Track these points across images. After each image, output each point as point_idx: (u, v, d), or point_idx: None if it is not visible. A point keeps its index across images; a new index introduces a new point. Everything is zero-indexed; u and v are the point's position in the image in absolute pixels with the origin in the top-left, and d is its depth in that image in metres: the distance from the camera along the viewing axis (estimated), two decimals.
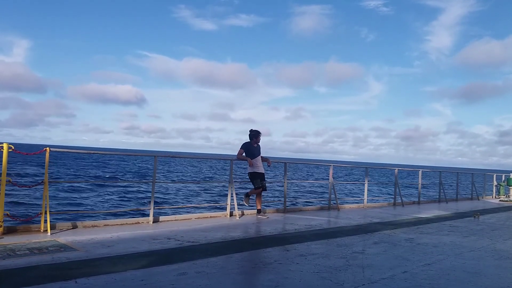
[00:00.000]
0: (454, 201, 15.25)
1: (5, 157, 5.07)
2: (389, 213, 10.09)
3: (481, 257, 5.24)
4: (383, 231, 7.00)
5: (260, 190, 8.10)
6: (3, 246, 4.51)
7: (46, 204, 5.43)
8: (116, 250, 4.59)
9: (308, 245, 5.48)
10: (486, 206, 13.86)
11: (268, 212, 8.85)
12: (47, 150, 5.57)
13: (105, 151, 7.31)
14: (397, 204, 12.36)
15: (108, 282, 3.45)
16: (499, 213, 11.43)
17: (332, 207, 10.23)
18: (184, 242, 5.25)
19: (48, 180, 5.56)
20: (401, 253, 5.23)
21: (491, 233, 7.36)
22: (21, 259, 4.02)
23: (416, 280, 3.97)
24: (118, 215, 12.70)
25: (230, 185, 7.92)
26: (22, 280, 3.40)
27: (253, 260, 4.62)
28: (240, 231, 6.35)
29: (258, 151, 8.18)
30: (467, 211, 11.63)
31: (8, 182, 5.19)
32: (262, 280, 3.87)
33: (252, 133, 8.15)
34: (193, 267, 4.04)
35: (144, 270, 3.88)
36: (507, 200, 16.53)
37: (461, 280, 4.06)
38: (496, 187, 18.46)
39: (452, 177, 19.05)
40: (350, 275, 4.01)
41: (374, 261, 4.68)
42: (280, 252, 5.00)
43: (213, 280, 3.65)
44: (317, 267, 4.29)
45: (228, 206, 7.95)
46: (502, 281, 4.14)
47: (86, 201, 18.59)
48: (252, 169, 8.03)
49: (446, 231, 7.34)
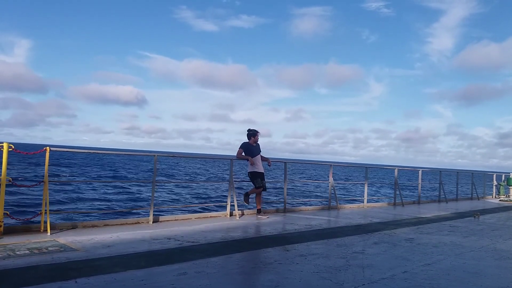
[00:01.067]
0: (454, 201, 15.25)
1: (5, 157, 5.07)
2: (389, 213, 10.09)
3: (481, 257, 5.24)
4: (383, 231, 6.99)
5: (260, 190, 8.10)
6: (3, 246, 4.51)
7: (46, 204, 5.43)
8: (116, 250, 4.59)
9: (308, 245, 5.48)
10: (486, 206, 13.86)
11: (268, 212, 8.84)
12: (47, 150, 5.57)
13: (106, 151, 7.30)
14: (397, 204, 12.37)
15: (108, 282, 3.45)
16: (499, 213, 11.43)
17: (332, 207, 10.23)
18: (184, 242, 5.25)
19: (48, 180, 5.56)
20: (401, 253, 5.23)
21: (491, 233, 7.35)
22: (21, 259, 4.02)
23: (416, 280, 3.97)
24: (118, 215, 12.71)
25: (230, 185, 7.92)
26: (22, 280, 3.40)
27: (253, 260, 4.62)
28: (240, 231, 6.35)
29: (258, 150, 8.18)
30: (467, 211, 11.63)
31: (8, 182, 5.20)
32: (262, 280, 3.87)
33: (250, 132, 8.15)
34: (193, 267, 4.04)
35: (144, 270, 3.88)
36: (507, 200, 16.53)
37: (461, 280, 4.06)
38: (496, 187, 18.46)
39: (452, 177, 19.03)
40: (350, 275, 4.01)
41: (374, 261, 4.67)
42: (280, 252, 4.99)
43: (213, 280, 3.65)
44: (317, 267, 4.29)
45: (228, 206, 7.95)
46: (502, 281, 4.14)
47: (86, 201, 18.60)
48: (252, 168, 8.03)
49: (446, 231, 7.34)
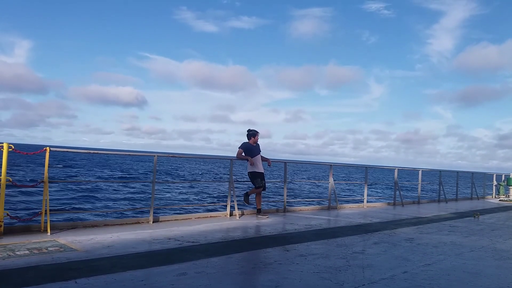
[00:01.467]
0: (454, 201, 15.25)
1: (5, 157, 5.07)
2: (389, 213, 10.09)
3: (481, 257, 5.24)
4: (383, 231, 6.99)
5: (260, 190, 8.11)
6: (3, 246, 4.51)
7: (46, 204, 5.43)
8: (116, 250, 4.59)
9: (308, 245, 5.47)
10: (486, 206, 13.86)
11: (268, 212, 8.84)
12: (47, 150, 5.57)
13: (106, 151, 7.31)
14: (397, 204, 12.37)
15: (108, 282, 3.45)
16: (499, 213, 11.43)
17: (332, 207, 10.23)
18: (184, 242, 5.25)
19: (48, 180, 5.56)
20: (401, 253, 5.23)
21: (491, 233, 7.35)
22: (21, 259, 4.02)
23: (416, 280, 3.97)
24: (118, 215, 12.71)
25: (230, 185, 7.92)
26: (22, 280, 3.40)
27: (253, 260, 4.62)
28: (240, 231, 6.35)
29: (258, 150, 8.19)
30: (467, 211, 11.63)
31: (8, 182, 5.19)
32: (262, 280, 3.87)
33: (250, 132, 8.17)
34: (193, 267, 4.04)
35: (144, 270, 3.87)
36: (507, 200, 16.54)
37: (461, 280, 4.06)
38: (495, 186, 18.47)
39: (452, 178, 19.04)
40: (350, 275, 4.01)
41: (374, 261, 4.67)
42: (280, 252, 4.99)
43: (213, 280, 3.65)
44: (317, 267, 4.29)
45: (228, 206, 7.95)
46: (502, 281, 4.14)
47: (86, 201, 18.60)
48: (252, 168, 8.03)
49: (446, 231, 7.34)
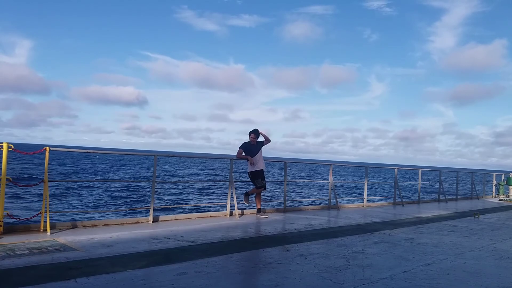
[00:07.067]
0: (454, 201, 15.25)
1: (5, 157, 5.07)
2: (389, 212, 10.09)
3: (481, 257, 5.24)
4: (383, 231, 6.99)
5: (260, 190, 8.11)
6: (3, 246, 4.51)
7: (46, 204, 5.43)
8: (116, 250, 4.59)
9: (308, 245, 5.48)
10: (486, 205, 13.86)
11: (268, 211, 8.84)
12: (47, 150, 5.57)
13: (106, 151, 7.31)
14: (397, 203, 12.37)
15: (108, 282, 3.45)
16: (499, 213, 11.43)
17: (332, 207, 10.23)
18: (184, 242, 5.25)
19: (48, 180, 5.56)
20: (401, 253, 5.23)
21: (491, 233, 7.36)
22: (21, 259, 4.02)
23: (416, 280, 3.97)
24: (118, 215, 12.72)
25: (230, 184, 7.91)
26: (22, 280, 3.39)
27: (253, 260, 4.62)
28: (240, 231, 6.35)
29: (257, 149, 8.19)
30: (467, 210, 11.63)
31: (8, 182, 5.19)
32: (262, 280, 3.86)
33: (250, 132, 8.19)
34: (193, 267, 4.04)
35: (144, 270, 3.87)
36: (506, 199, 16.53)
37: (461, 280, 4.06)
38: (495, 186, 18.47)
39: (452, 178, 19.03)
40: (350, 275, 4.01)
41: (374, 261, 4.67)
42: (280, 252, 4.99)
43: (213, 280, 3.65)
44: (317, 267, 4.29)
45: (228, 205, 7.95)
46: (502, 281, 4.14)
47: (86, 201, 18.60)
48: (252, 168, 8.03)
49: (446, 231, 7.34)
